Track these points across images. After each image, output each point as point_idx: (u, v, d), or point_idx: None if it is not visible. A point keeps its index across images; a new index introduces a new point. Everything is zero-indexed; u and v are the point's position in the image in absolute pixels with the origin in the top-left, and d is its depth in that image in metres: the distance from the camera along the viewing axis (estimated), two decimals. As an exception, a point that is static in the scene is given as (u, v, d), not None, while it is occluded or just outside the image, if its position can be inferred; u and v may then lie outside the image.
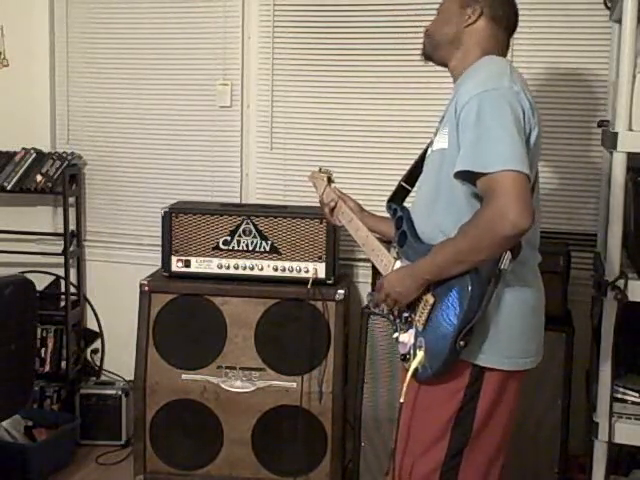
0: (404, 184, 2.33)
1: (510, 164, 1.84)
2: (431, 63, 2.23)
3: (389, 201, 2.29)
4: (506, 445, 2.13)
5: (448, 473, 2.05)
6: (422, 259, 2.00)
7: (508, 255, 1.91)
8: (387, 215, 2.30)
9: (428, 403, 2.06)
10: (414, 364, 2.02)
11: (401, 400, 2.07)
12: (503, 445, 2.12)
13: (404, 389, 2.05)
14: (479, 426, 2.04)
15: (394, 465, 2.11)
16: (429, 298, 2.00)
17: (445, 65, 2.18)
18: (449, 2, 2.18)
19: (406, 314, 2.09)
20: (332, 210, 2.42)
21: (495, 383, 2.02)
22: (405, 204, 2.29)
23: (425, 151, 2.23)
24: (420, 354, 2.01)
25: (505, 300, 1.99)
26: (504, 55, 2.15)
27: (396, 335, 2.14)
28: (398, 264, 2.14)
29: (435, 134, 2.12)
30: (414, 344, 2.05)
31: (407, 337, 2.08)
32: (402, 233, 2.15)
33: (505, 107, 1.91)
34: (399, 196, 2.32)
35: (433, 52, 2.19)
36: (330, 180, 2.47)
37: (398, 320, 2.13)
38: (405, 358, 2.09)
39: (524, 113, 1.94)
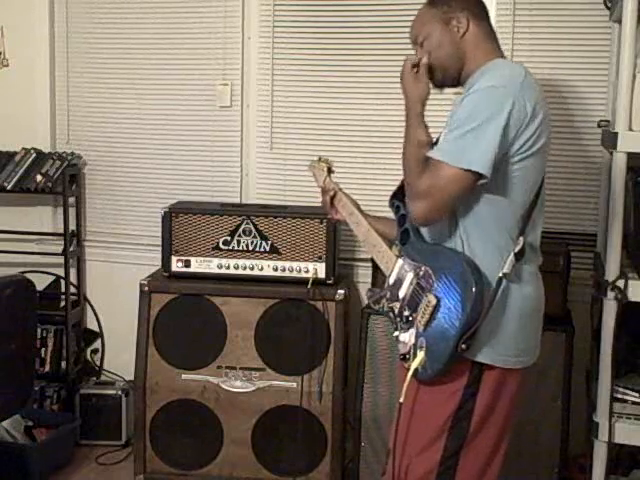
0: None
1: (469, 164, 1.90)
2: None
3: (392, 197, 2.27)
4: (504, 445, 2.13)
5: (444, 474, 2.05)
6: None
7: (511, 259, 1.93)
8: (384, 214, 2.28)
9: (427, 403, 2.05)
10: (414, 364, 2.01)
11: (401, 400, 2.06)
12: (501, 445, 2.11)
13: (404, 389, 2.04)
14: (476, 427, 2.03)
15: (393, 465, 2.10)
16: (431, 299, 1.99)
17: (458, 81, 2.17)
18: (428, 28, 2.13)
19: (407, 313, 2.08)
20: (332, 202, 2.38)
21: (493, 382, 2.02)
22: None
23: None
24: (421, 354, 2.00)
25: (506, 299, 1.99)
26: (497, 41, 2.16)
27: (396, 334, 2.13)
28: (400, 262, 2.14)
29: (441, 134, 2.11)
30: (414, 344, 2.04)
31: (408, 337, 2.07)
32: (404, 231, 2.15)
33: (504, 106, 1.92)
34: (402, 193, 2.28)
35: (444, 79, 2.17)
36: (330, 170, 2.42)
37: (399, 319, 2.12)
38: (405, 358, 2.08)
39: (526, 117, 1.95)
